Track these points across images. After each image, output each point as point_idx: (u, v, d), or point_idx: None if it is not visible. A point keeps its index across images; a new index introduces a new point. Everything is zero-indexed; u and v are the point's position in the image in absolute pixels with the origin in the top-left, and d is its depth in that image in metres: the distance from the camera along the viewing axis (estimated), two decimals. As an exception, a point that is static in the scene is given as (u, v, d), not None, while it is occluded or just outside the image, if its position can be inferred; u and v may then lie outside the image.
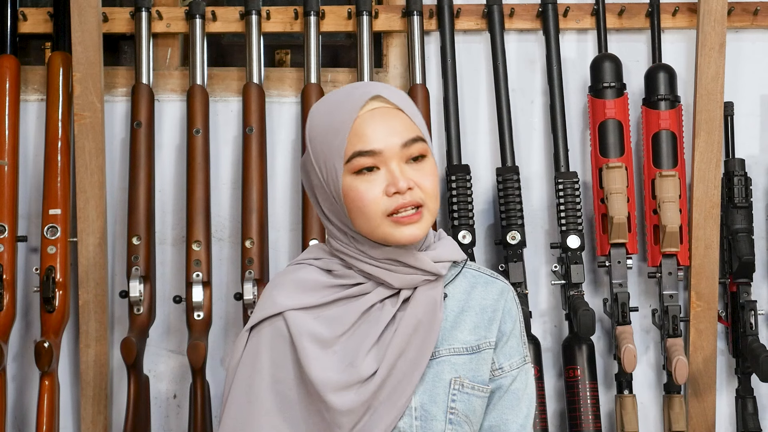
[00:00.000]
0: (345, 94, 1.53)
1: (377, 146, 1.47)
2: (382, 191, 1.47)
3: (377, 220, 1.47)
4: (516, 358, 1.58)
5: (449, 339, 1.54)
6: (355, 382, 1.47)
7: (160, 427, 2.37)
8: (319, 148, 1.51)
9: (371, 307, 1.52)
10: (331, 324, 1.51)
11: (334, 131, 1.48)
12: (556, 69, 2.36)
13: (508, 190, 2.29)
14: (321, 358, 1.49)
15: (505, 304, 1.59)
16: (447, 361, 1.53)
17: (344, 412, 1.47)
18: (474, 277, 1.60)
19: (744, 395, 2.34)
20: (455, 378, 1.53)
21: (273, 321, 1.53)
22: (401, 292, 1.52)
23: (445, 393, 1.52)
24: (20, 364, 2.37)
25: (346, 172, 1.48)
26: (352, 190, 1.48)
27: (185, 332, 2.29)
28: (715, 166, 2.27)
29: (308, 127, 1.54)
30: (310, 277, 1.55)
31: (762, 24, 2.42)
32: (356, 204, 1.48)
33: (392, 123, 1.49)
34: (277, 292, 1.55)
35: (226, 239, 2.39)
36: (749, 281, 2.31)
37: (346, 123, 1.47)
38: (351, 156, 1.47)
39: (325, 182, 1.51)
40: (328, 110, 1.52)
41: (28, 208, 2.38)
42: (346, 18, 2.40)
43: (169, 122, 2.41)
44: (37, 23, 2.39)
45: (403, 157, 1.48)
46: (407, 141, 1.48)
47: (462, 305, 1.57)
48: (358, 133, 1.47)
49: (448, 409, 1.52)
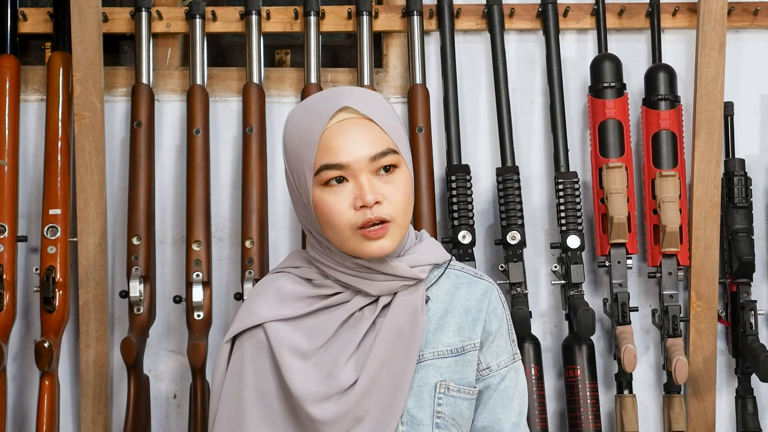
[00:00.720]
0: (315, 105, 1.52)
1: (344, 159, 1.46)
2: (350, 204, 1.46)
3: (346, 233, 1.47)
4: (504, 357, 1.58)
5: (433, 342, 1.53)
6: (335, 392, 1.46)
7: (160, 427, 2.37)
8: (291, 158, 1.51)
9: (350, 316, 1.51)
10: (310, 335, 1.50)
11: (304, 143, 1.48)
12: (556, 69, 2.36)
13: (508, 190, 2.29)
14: (301, 369, 1.48)
15: (489, 304, 1.58)
16: (432, 365, 1.52)
17: (326, 423, 1.46)
18: (458, 277, 1.59)
19: (744, 395, 2.34)
20: (440, 382, 1.52)
21: (253, 332, 1.53)
22: (380, 298, 1.51)
23: (430, 397, 1.51)
24: (20, 364, 2.37)
25: (316, 184, 1.47)
26: (320, 201, 1.47)
27: (185, 332, 2.29)
28: (715, 166, 2.26)
29: (283, 136, 1.54)
30: (289, 287, 1.54)
31: (762, 24, 2.42)
32: (325, 216, 1.48)
33: (361, 135, 1.47)
34: (257, 302, 1.54)
35: (226, 239, 2.39)
36: (749, 281, 2.31)
37: (315, 135, 1.47)
38: (319, 169, 1.46)
39: (298, 191, 1.51)
40: (298, 122, 1.51)
41: (28, 208, 2.38)
42: (346, 18, 2.40)
43: (169, 122, 2.41)
44: (37, 23, 2.39)
45: (373, 169, 1.47)
46: (376, 154, 1.47)
47: (445, 307, 1.56)
48: (326, 145, 1.46)
49: (434, 414, 1.51)
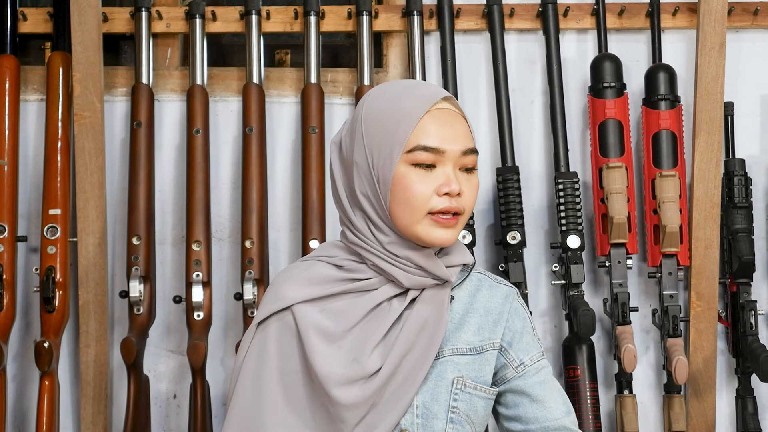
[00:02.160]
0: (412, 87, 1.54)
1: (442, 146, 1.49)
2: (434, 189, 1.48)
3: (419, 215, 1.49)
4: (534, 352, 1.60)
5: (453, 339, 1.55)
6: (360, 377, 1.48)
7: (160, 427, 2.37)
8: (376, 131, 1.50)
9: (379, 304, 1.52)
10: (337, 318, 1.51)
11: (401, 119, 1.49)
12: (556, 69, 2.36)
13: (508, 190, 2.29)
14: (326, 352, 1.49)
15: (511, 306, 1.60)
16: (450, 361, 1.54)
17: (348, 407, 1.47)
18: (479, 280, 1.62)
19: (744, 395, 2.34)
20: (458, 378, 1.54)
21: (281, 315, 1.54)
22: (409, 291, 1.53)
23: (447, 392, 1.53)
24: (20, 364, 2.37)
25: (403, 161, 1.49)
26: (405, 178, 1.49)
27: (185, 332, 2.29)
28: (715, 166, 2.27)
29: (367, 108, 1.53)
30: (318, 271, 1.56)
31: (762, 24, 2.42)
32: (405, 193, 1.49)
33: (457, 128, 1.51)
34: (286, 286, 1.55)
35: (226, 239, 2.39)
36: (749, 281, 2.31)
37: (415, 113, 1.49)
38: (414, 147, 1.48)
39: (373, 166, 1.50)
40: (395, 96, 1.52)
41: (28, 208, 2.38)
42: (346, 18, 2.40)
43: (169, 122, 2.41)
44: (37, 23, 2.39)
45: (459, 164, 1.50)
46: (467, 150, 1.51)
47: (467, 307, 1.58)
48: (425, 127, 1.49)
49: (449, 408, 1.53)
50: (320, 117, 2.31)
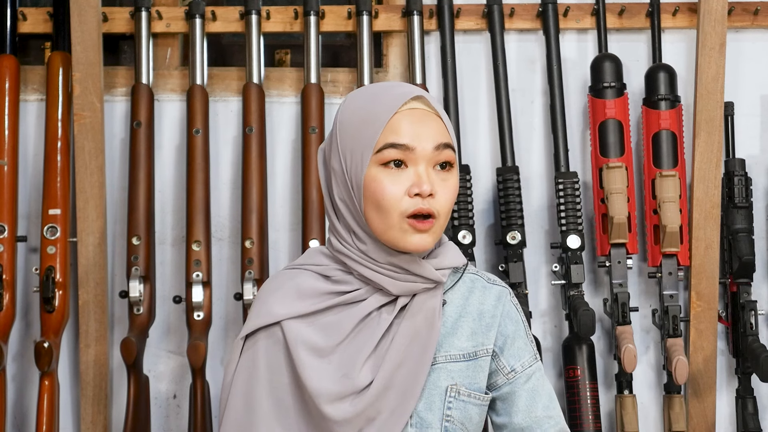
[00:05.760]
0: (385, 89, 1.52)
1: (412, 143, 1.46)
2: (405, 190, 1.45)
3: (393, 219, 1.45)
4: (526, 357, 1.57)
5: (446, 346, 1.53)
6: (350, 392, 1.46)
7: (160, 427, 2.37)
8: (348, 135, 1.49)
9: (368, 315, 1.50)
10: (326, 332, 1.49)
11: (370, 121, 1.47)
12: (556, 69, 2.36)
13: (508, 190, 2.29)
14: (316, 367, 1.47)
15: (504, 308, 1.57)
16: (443, 368, 1.52)
17: (339, 423, 1.45)
18: (472, 281, 1.58)
19: (744, 395, 2.34)
20: (451, 385, 1.51)
21: (270, 330, 1.52)
22: (399, 299, 1.50)
23: (441, 400, 1.51)
24: (20, 364, 2.37)
25: (373, 163, 1.46)
26: (375, 181, 1.46)
27: (185, 332, 2.29)
28: (715, 166, 2.27)
29: (341, 113, 1.52)
30: (308, 283, 1.53)
31: (762, 24, 2.42)
32: (376, 196, 1.46)
33: (429, 125, 1.48)
34: (273, 299, 1.53)
35: (226, 239, 2.39)
36: (749, 281, 2.31)
37: (384, 115, 1.47)
38: (382, 147, 1.46)
39: (347, 171, 1.49)
40: (367, 99, 1.51)
41: (28, 208, 2.38)
42: (346, 18, 2.40)
43: (169, 122, 2.41)
44: (37, 23, 2.39)
45: (432, 161, 1.47)
46: (439, 144, 1.47)
47: (460, 311, 1.55)
48: (394, 127, 1.46)
49: (443, 417, 1.50)
50: (320, 117, 2.31)
